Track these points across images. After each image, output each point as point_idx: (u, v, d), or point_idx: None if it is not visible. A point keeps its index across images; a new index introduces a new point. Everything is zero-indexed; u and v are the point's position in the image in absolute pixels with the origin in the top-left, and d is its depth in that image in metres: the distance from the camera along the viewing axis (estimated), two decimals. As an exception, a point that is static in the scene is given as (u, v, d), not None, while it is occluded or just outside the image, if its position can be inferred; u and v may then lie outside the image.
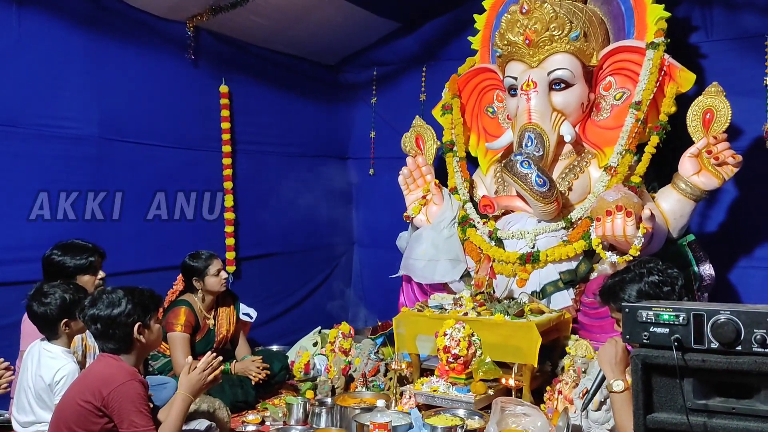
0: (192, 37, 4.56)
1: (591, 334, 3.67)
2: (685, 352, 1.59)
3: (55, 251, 3.17)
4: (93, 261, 3.19)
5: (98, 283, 3.20)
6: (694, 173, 3.80)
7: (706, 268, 3.89)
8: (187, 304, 3.80)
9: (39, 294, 2.74)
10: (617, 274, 2.50)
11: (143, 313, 2.50)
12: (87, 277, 3.15)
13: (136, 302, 2.49)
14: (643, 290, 2.31)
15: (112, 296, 2.48)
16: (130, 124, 4.25)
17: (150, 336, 2.54)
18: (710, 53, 4.34)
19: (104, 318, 2.45)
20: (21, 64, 3.73)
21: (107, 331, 2.46)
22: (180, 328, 3.71)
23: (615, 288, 2.40)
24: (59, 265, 3.13)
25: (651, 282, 2.32)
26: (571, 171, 4.16)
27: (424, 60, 5.42)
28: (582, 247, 3.86)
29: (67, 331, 2.74)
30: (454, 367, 3.39)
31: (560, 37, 3.98)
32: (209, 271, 3.86)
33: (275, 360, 4.08)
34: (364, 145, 5.76)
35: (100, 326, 2.46)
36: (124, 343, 2.48)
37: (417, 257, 4.28)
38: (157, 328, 2.59)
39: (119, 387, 2.36)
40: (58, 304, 2.70)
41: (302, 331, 4.82)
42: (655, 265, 2.40)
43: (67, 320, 2.73)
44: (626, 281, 2.37)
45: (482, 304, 3.65)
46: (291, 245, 5.39)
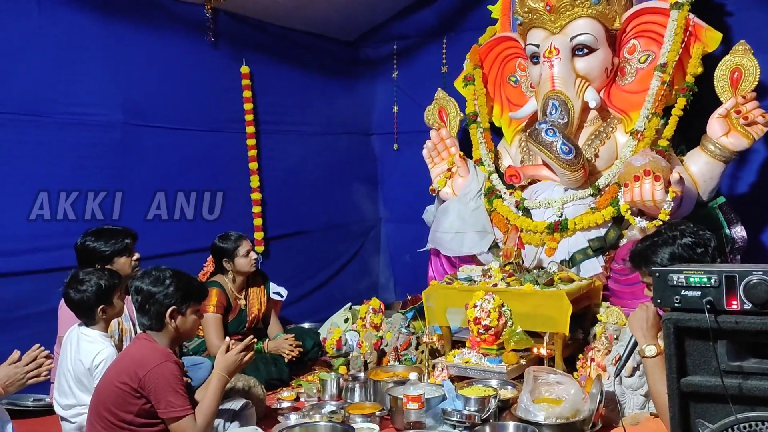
0: (211, 19, 4.57)
1: (622, 301, 3.65)
2: (717, 315, 1.58)
3: (89, 238, 3.21)
4: (128, 243, 3.24)
5: (134, 264, 3.26)
6: (723, 134, 3.74)
7: (738, 230, 3.84)
8: (218, 285, 3.86)
9: (75, 281, 2.79)
10: (647, 238, 2.42)
11: (182, 300, 2.54)
12: (124, 259, 3.21)
13: (179, 287, 2.55)
14: (676, 253, 2.22)
15: (159, 274, 2.55)
16: (152, 108, 4.28)
17: (183, 324, 2.57)
18: (736, 11, 4.23)
19: (145, 292, 2.52)
20: (42, 51, 3.76)
21: (144, 305, 2.52)
22: (212, 309, 3.76)
23: (646, 252, 2.31)
24: (95, 251, 3.17)
25: (684, 244, 2.23)
26: (597, 137, 4.12)
27: (444, 32, 5.36)
28: (610, 213, 3.83)
29: (104, 317, 2.80)
30: (485, 338, 3.41)
31: (582, 1, 3.92)
32: (239, 252, 3.90)
33: (307, 337, 4.13)
34: (387, 121, 5.74)
35: (140, 299, 2.53)
36: (156, 321, 2.53)
37: (444, 230, 4.28)
38: (192, 320, 2.61)
39: (155, 368, 2.41)
40: (94, 290, 2.76)
41: (333, 308, 4.86)
42: (687, 227, 2.33)
43: (104, 306, 2.78)
44: (658, 244, 2.29)
45: (511, 275, 3.65)
46: (318, 223, 5.42)
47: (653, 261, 2.26)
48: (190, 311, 2.59)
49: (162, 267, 2.62)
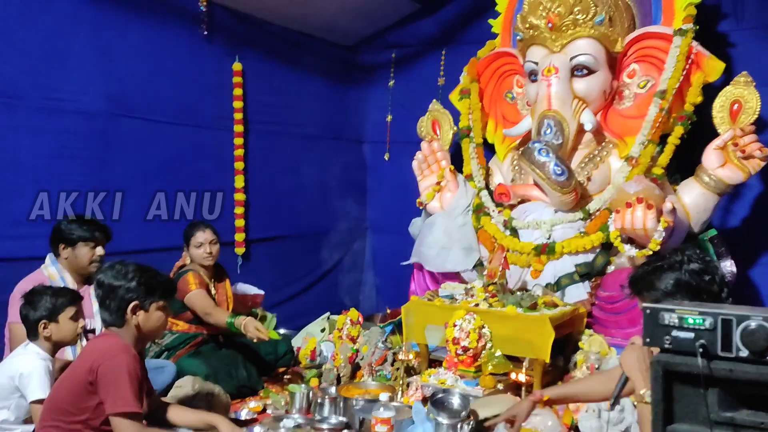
0: (205, 12, 4.45)
1: (606, 330, 3.57)
2: (710, 360, 1.48)
3: (65, 220, 3.26)
4: (96, 235, 3.22)
5: (95, 258, 3.23)
6: (719, 166, 3.67)
7: (728, 264, 3.77)
8: (191, 270, 3.77)
9: (30, 294, 2.71)
10: (650, 262, 2.20)
11: (145, 295, 2.42)
12: (86, 249, 3.20)
13: (142, 281, 2.42)
14: (682, 280, 2.02)
15: (122, 268, 2.44)
16: (138, 99, 4.15)
17: (146, 321, 2.44)
18: (740, 42, 4.18)
19: (106, 285, 2.41)
20: (26, 37, 3.64)
21: (105, 300, 2.41)
22: (195, 286, 3.66)
23: (649, 277, 2.09)
24: (63, 232, 3.20)
25: (691, 270, 2.03)
26: (590, 161, 4.04)
27: (444, 43, 5.29)
28: (600, 239, 3.75)
29: (45, 333, 2.67)
30: (463, 359, 3.30)
31: (584, 21, 3.84)
32: (192, 241, 3.81)
33: (281, 343, 4.01)
34: (379, 129, 5.65)
35: (101, 293, 2.43)
36: (117, 317, 2.41)
37: (429, 245, 4.19)
38: (157, 316, 2.47)
39: (109, 359, 2.28)
40: (42, 305, 2.67)
41: (310, 316, 4.74)
42: (692, 252, 2.12)
43: (46, 322, 2.67)
44: (663, 269, 2.07)
45: (494, 296, 3.55)
46: (302, 228, 5.31)
47: (656, 287, 2.06)
48: (154, 307, 2.45)
49: (126, 261, 2.49)
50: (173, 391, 3.17)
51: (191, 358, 3.59)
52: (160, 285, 2.50)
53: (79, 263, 3.22)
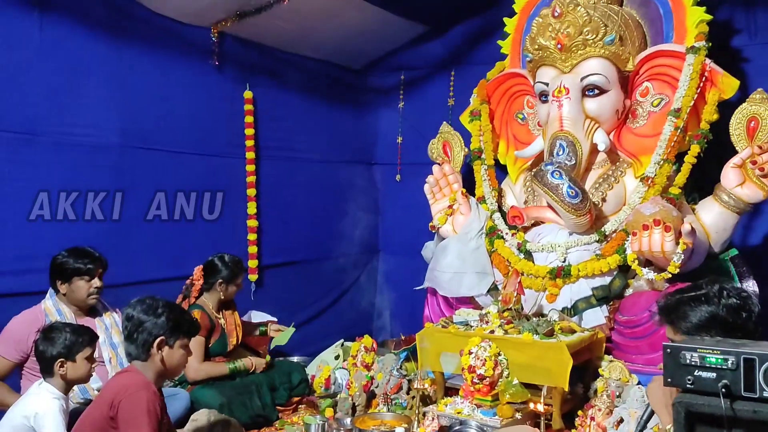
0: (217, 42, 4.48)
1: (626, 355, 3.49)
2: (734, 401, 1.42)
3: (63, 252, 3.25)
4: (91, 268, 3.23)
5: (92, 290, 3.24)
6: (738, 185, 3.60)
7: (750, 284, 3.68)
8: (200, 308, 3.77)
9: (48, 330, 2.71)
10: (684, 290, 2.09)
11: (172, 332, 2.49)
12: (83, 282, 3.21)
13: (170, 318, 2.50)
14: (719, 315, 1.92)
15: (152, 302, 2.52)
16: (153, 131, 4.18)
17: (170, 357, 2.50)
18: (754, 57, 4.12)
19: (135, 319, 2.47)
20: (43, 72, 3.67)
21: (132, 333, 2.47)
22: None
23: (683, 308, 1.98)
24: (60, 266, 3.21)
25: (729, 306, 1.93)
26: (605, 181, 3.98)
27: (453, 64, 5.27)
28: (616, 261, 3.68)
29: (61, 372, 2.65)
30: (479, 388, 3.23)
31: (594, 41, 3.80)
32: (237, 280, 3.87)
33: (294, 372, 3.99)
34: (390, 151, 5.63)
35: (129, 326, 2.48)
36: (143, 351, 2.46)
37: (442, 269, 4.14)
38: (180, 354, 2.53)
39: (129, 395, 2.32)
40: (60, 343, 2.66)
41: (324, 342, 4.70)
42: (730, 284, 2.04)
43: (63, 360, 2.65)
44: (700, 300, 1.97)
45: (510, 322, 3.49)
46: (315, 253, 5.28)
47: (690, 319, 1.96)
48: (178, 344, 2.52)
49: (156, 297, 2.56)
50: (189, 425, 3.17)
51: (206, 389, 3.56)
52: (186, 323, 2.59)
53: (77, 297, 3.23)
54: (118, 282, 3.69)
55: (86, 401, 3.03)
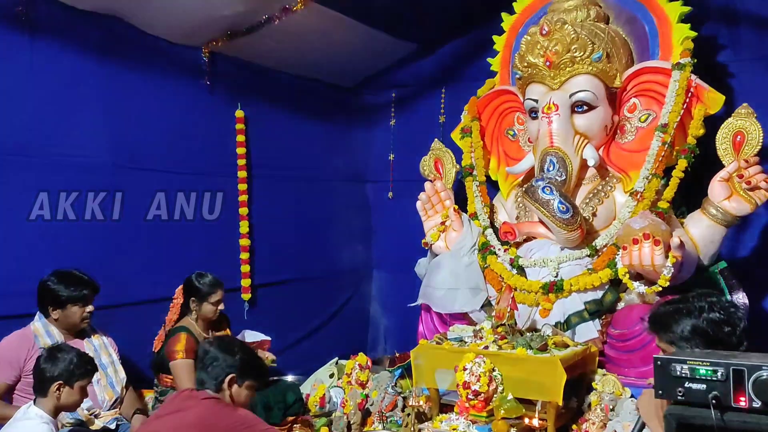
0: (208, 62, 4.53)
1: (619, 368, 3.51)
2: (724, 412, 1.45)
3: (52, 278, 3.26)
4: (86, 294, 3.27)
5: (85, 315, 3.28)
6: (725, 198, 3.63)
7: (740, 296, 3.71)
8: (186, 330, 3.78)
9: (54, 350, 2.74)
10: (673, 302, 2.19)
11: (242, 371, 2.71)
12: (76, 308, 3.25)
13: (244, 359, 2.73)
14: (699, 327, 2.00)
15: (230, 342, 2.81)
16: (145, 151, 4.21)
17: (238, 395, 2.71)
18: (739, 73, 4.18)
19: (212, 354, 2.70)
20: (34, 93, 3.70)
21: (208, 366, 2.69)
22: (181, 355, 3.66)
23: (667, 318, 2.09)
24: (52, 293, 3.22)
25: (710, 319, 2.01)
26: (595, 196, 4.02)
27: (444, 81, 5.32)
28: (608, 275, 3.70)
29: (57, 394, 2.66)
30: (474, 404, 3.24)
31: (582, 58, 3.86)
32: (210, 298, 3.83)
33: (289, 392, 3.98)
34: (382, 168, 5.67)
35: (206, 357, 2.72)
36: (216, 384, 2.68)
37: (436, 286, 4.15)
38: (246, 394, 2.74)
39: (251, 427, 2.59)
40: (63, 365, 2.69)
41: (318, 361, 4.70)
42: (719, 300, 2.12)
43: (61, 383, 2.66)
44: (683, 312, 2.07)
45: (503, 337, 3.50)
46: (308, 271, 5.29)
47: (672, 330, 2.05)
48: (246, 384, 2.74)
49: (233, 338, 2.96)
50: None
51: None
52: (257, 367, 2.85)
53: (71, 322, 3.26)
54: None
55: (76, 422, 3.03)
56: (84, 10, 3.84)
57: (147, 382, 3.93)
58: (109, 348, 3.54)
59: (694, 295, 2.11)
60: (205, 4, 4.02)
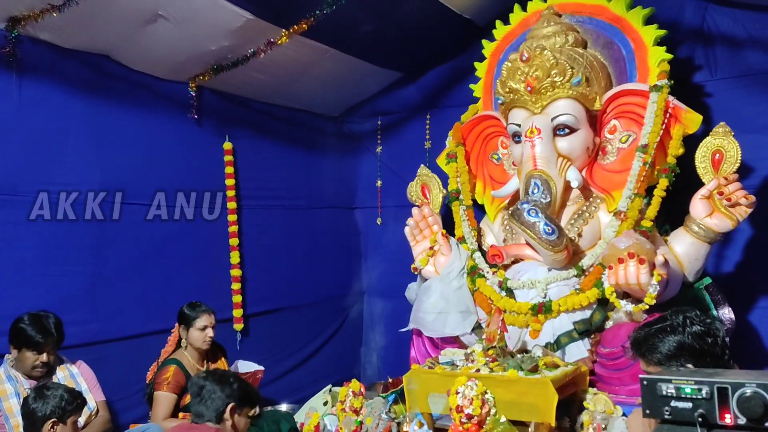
0: (195, 96, 4.57)
1: (610, 387, 3.54)
2: (710, 429, 1.49)
3: (26, 317, 3.26)
4: (41, 342, 3.23)
5: (36, 363, 3.24)
6: (707, 215, 3.70)
7: (726, 311, 3.77)
8: (177, 363, 3.79)
9: (41, 389, 2.75)
10: (651, 323, 2.21)
11: (241, 400, 2.80)
12: (29, 354, 3.23)
13: (242, 388, 2.82)
14: (686, 342, 2.04)
15: (225, 375, 2.85)
16: (134, 186, 4.24)
17: (239, 423, 2.80)
18: (715, 92, 4.30)
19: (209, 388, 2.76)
20: (22, 132, 3.73)
21: (205, 399, 2.74)
22: (165, 388, 3.70)
23: (652, 340, 2.10)
24: (18, 334, 3.24)
25: (694, 333, 2.05)
26: (580, 216, 4.08)
27: (428, 108, 5.42)
28: (595, 295, 3.76)
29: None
30: (468, 427, 3.25)
31: (562, 83, 3.94)
32: (195, 323, 3.86)
33: (284, 421, 3.98)
34: (370, 195, 5.73)
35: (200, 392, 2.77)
36: (216, 415, 2.74)
37: (426, 310, 4.18)
38: (245, 422, 2.83)
39: None
40: (55, 402, 2.70)
41: (312, 388, 4.71)
42: (693, 313, 2.16)
43: (55, 421, 2.67)
44: (666, 331, 2.09)
45: (495, 360, 3.53)
46: (300, 299, 5.32)
47: (659, 350, 2.08)
48: (246, 412, 2.85)
49: (227, 371, 3.03)
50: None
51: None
52: (253, 394, 2.95)
53: (23, 366, 3.24)
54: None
55: None
56: (70, 49, 3.89)
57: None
58: (77, 378, 3.49)
59: (670, 313, 2.16)
60: (191, 41, 4.08)
